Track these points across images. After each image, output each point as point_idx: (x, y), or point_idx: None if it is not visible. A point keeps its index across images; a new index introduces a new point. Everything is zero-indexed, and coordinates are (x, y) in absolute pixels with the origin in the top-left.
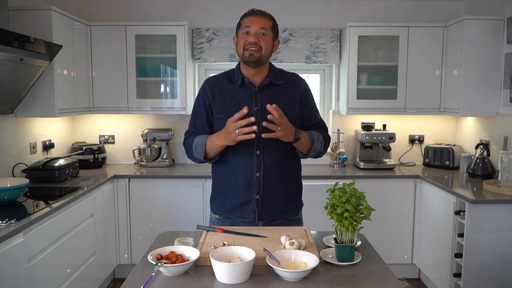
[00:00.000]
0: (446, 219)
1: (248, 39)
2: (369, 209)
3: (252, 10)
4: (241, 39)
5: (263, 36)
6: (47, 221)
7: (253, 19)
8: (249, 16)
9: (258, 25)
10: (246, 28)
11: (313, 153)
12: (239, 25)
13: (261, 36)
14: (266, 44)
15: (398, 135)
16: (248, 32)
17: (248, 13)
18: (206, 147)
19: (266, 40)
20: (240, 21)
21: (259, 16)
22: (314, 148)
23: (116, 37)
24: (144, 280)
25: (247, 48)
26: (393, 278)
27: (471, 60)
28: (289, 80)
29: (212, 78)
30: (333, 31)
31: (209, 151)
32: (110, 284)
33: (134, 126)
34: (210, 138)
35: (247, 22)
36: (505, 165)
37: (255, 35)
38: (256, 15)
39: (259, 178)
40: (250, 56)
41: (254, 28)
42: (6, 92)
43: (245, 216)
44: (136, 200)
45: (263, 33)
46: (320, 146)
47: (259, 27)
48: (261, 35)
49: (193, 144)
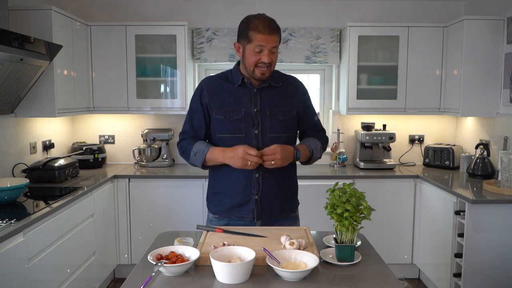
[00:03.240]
0: (446, 219)
1: (261, 58)
2: (369, 209)
3: (263, 25)
4: (253, 56)
5: (274, 53)
6: (47, 221)
7: (267, 38)
8: (262, 33)
9: (272, 44)
10: (260, 47)
11: (312, 162)
12: (249, 39)
13: (273, 53)
14: (275, 60)
15: (398, 135)
16: (261, 51)
17: (260, 28)
18: (206, 157)
19: (275, 56)
20: (248, 32)
21: (271, 34)
22: (314, 157)
23: (116, 37)
24: (144, 280)
25: (259, 66)
26: (393, 278)
27: (471, 60)
28: (287, 82)
29: (209, 78)
30: (333, 31)
31: (208, 161)
32: (110, 284)
33: (134, 126)
34: (213, 152)
35: (262, 41)
36: (505, 165)
37: (268, 56)
38: (269, 33)
39: (258, 179)
40: (262, 75)
41: (268, 47)
42: (6, 92)
43: (243, 216)
44: (136, 200)
45: (274, 51)
46: (319, 154)
47: (272, 46)
48: (273, 53)
49: (193, 150)
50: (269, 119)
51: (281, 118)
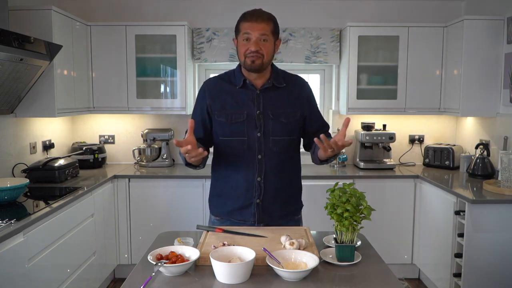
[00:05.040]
0: (446, 219)
1: (249, 47)
2: (369, 209)
3: (251, 14)
4: (242, 46)
5: (264, 42)
6: (47, 221)
7: (253, 26)
8: (248, 21)
9: (259, 31)
10: (245, 34)
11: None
12: (238, 29)
13: (262, 42)
14: (267, 50)
15: (398, 135)
16: (248, 39)
17: (247, 17)
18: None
19: (267, 47)
20: (238, 24)
21: (259, 22)
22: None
23: (116, 37)
24: (144, 280)
25: (248, 55)
26: (393, 278)
27: (471, 60)
28: (292, 83)
29: (212, 79)
30: (333, 31)
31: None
32: (110, 284)
33: (134, 126)
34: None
35: (247, 28)
36: (505, 165)
37: (256, 43)
38: (256, 20)
39: (260, 182)
40: (252, 63)
41: (255, 35)
42: (6, 92)
43: (245, 219)
44: (136, 200)
45: (264, 39)
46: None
47: (260, 33)
48: (262, 42)
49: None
50: (272, 122)
51: (284, 120)
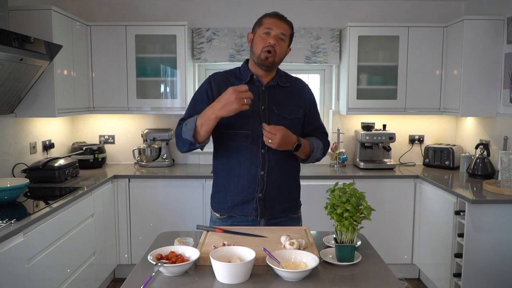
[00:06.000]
0: (446, 219)
1: (268, 40)
2: (369, 209)
3: (275, 13)
4: (260, 39)
5: (281, 41)
6: (47, 221)
7: (277, 22)
8: (273, 17)
9: (280, 29)
10: (267, 29)
11: (311, 160)
12: (260, 23)
13: (280, 40)
14: (281, 49)
15: (398, 135)
16: (268, 33)
17: (272, 14)
18: (196, 123)
19: (282, 46)
20: (261, 19)
21: (282, 21)
22: (313, 156)
23: (116, 37)
24: (144, 280)
25: (264, 48)
26: (393, 278)
27: (471, 60)
28: (294, 83)
29: (218, 73)
30: (333, 31)
31: (200, 128)
32: (110, 284)
33: (134, 126)
34: (202, 114)
35: (270, 24)
36: (505, 165)
37: (275, 37)
38: (280, 19)
39: (263, 176)
40: (266, 59)
41: (276, 31)
42: (6, 92)
43: (246, 214)
44: (136, 200)
45: (282, 38)
46: (319, 154)
47: (281, 31)
48: (280, 40)
49: (185, 123)
50: (276, 117)
51: (288, 117)
